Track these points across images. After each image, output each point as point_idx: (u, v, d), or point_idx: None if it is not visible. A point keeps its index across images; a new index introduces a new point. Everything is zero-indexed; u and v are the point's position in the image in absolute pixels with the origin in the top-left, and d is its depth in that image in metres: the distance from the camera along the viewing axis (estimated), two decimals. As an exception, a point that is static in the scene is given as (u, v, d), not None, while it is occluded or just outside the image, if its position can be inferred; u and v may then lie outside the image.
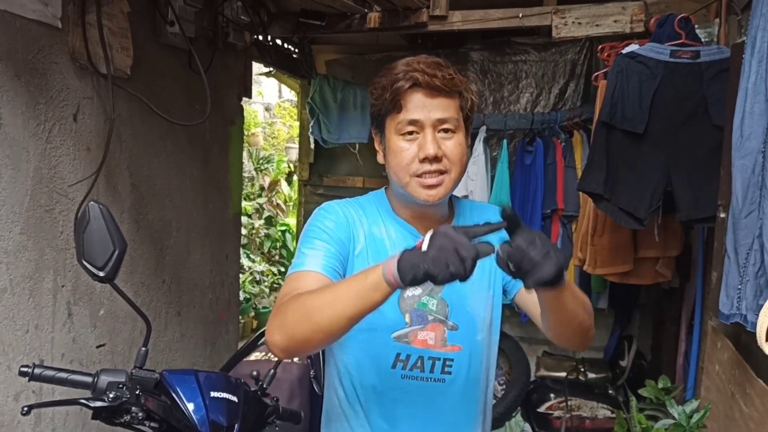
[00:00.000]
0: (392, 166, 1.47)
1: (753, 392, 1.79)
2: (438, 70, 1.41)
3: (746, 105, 1.80)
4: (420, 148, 1.42)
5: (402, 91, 1.42)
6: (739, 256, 1.77)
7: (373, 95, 1.49)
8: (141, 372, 1.72)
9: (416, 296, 1.50)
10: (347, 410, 1.55)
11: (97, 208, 1.64)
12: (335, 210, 1.53)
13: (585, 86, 4.43)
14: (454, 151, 1.44)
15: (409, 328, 1.49)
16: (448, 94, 1.43)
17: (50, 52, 2.30)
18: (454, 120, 1.44)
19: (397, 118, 1.44)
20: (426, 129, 1.42)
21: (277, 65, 4.72)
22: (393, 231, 1.54)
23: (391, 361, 1.49)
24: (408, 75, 1.41)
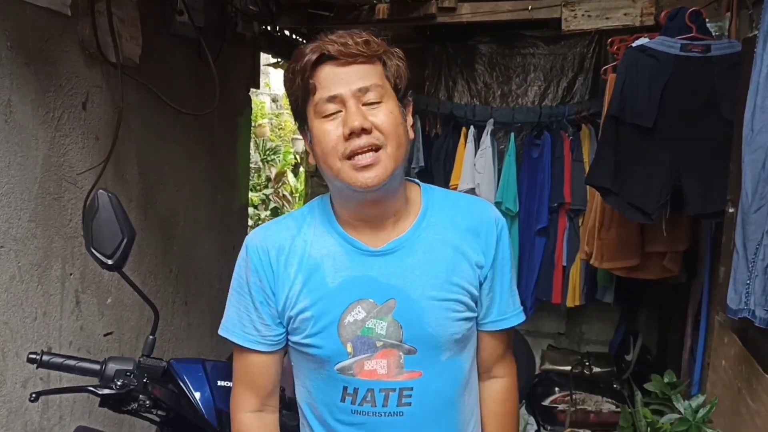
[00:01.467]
0: (319, 155, 1.27)
1: (760, 388, 1.78)
2: (349, 37, 1.23)
3: (757, 99, 1.79)
4: (344, 124, 1.22)
5: (310, 67, 1.23)
6: (748, 252, 1.76)
7: (286, 85, 1.30)
8: (148, 360, 1.73)
9: (359, 321, 1.30)
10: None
11: (106, 196, 1.65)
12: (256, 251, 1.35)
13: (594, 80, 4.42)
14: (386, 120, 1.23)
15: (352, 359, 1.30)
16: (366, 59, 1.24)
17: (60, 40, 2.30)
18: (378, 88, 1.24)
19: (313, 100, 1.25)
20: (348, 102, 1.22)
21: (285, 56, 4.71)
22: (334, 247, 1.33)
23: (339, 394, 1.33)
24: (315, 48, 1.23)
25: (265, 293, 1.34)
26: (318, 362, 1.33)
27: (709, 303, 2.84)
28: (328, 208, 1.38)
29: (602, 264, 3.20)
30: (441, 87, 4.71)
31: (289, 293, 1.33)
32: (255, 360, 1.38)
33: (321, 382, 1.36)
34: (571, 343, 4.60)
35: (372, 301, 1.30)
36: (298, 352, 1.37)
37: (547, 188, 4.09)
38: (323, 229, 1.35)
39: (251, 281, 1.35)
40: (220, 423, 1.76)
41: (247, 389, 1.41)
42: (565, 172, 4.05)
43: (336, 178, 1.26)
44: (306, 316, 1.31)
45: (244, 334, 1.37)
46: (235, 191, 3.95)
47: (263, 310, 1.35)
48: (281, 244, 1.34)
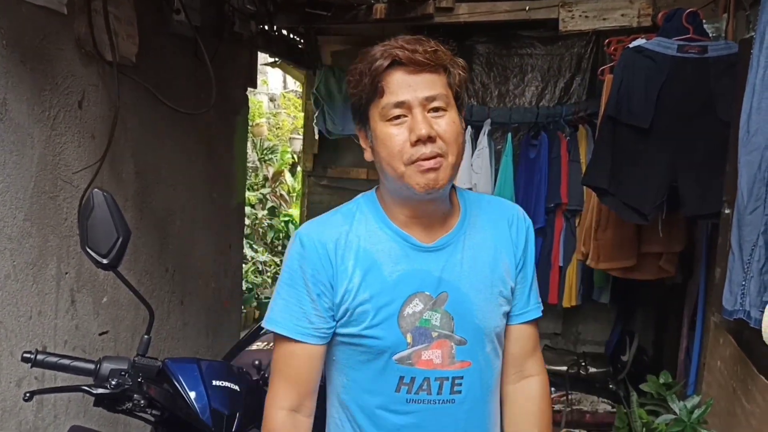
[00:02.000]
0: (383, 157, 1.32)
1: (755, 388, 1.79)
2: (419, 45, 1.28)
3: (753, 101, 1.79)
4: (411, 131, 1.27)
5: (381, 72, 1.28)
6: (744, 253, 1.77)
7: (351, 83, 1.35)
8: (143, 360, 1.73)
9: (417, 313, 1.36)
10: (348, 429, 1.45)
11: (101, 195, 1.64)
12: (312, 243, 1.39)
13: (591, 80, 4.41)
14: (449, 130, 1.29)
15: (411, 349, 1.36)
16: (433, 69, 1.30)
17: (56, 38, 2.30)
18: (443, 97, 1.30)
19: (380, 103, 1.30)
20: (414, 109, 1.28)
21: (283, 55, 4.71)
22: (386, 241, 1.39)
23: (395, 384, 1.37)
24: (386, 53, 1.28)
25: (323, 285, 1.37)
26: (373, 353, 1.37)
27: (705, 304, 2.85)
28: (377, 205, 1.43)
29: (598, 264, 3.20)
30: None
31: (348, 286, 1.36)
32: (303, 353, 1.39)
33: (373, 373, 1.38)
34: (567, 344, 4.60)
35: (428, 294, 1.37)
36: (349, 345, 1.40)
37: (544, 189, 4.09)
38: (375, 226, 1.40)
39: (308, 273, 1.37)
40: (215, 423, 1.75)
41: (288, 384, 1.41)
42: (562, 172, 4.05)
43: (398, 180, 1.32)
44: (366, 308, 1.36)
45: (295, 327, 1.38)
46: (232, 190, 3.95)
47: (320, 301, 1.37)
48: (338, 238, 1.38)
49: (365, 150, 1.40)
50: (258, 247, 7.69)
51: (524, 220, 1.50)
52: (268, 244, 7.92)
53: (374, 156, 1.37)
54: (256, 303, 6.97)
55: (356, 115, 1.39)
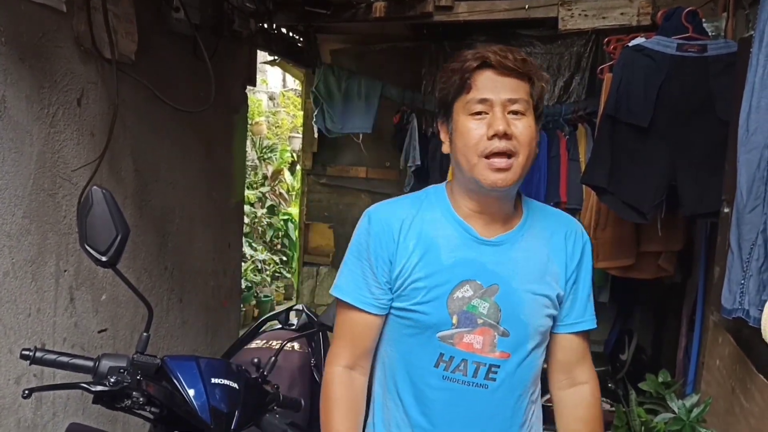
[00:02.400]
0: (459, 147, 1.44)
1: (754, 387, 1.79)
2: (509, 53, 1.40)
3: (753, 99, 1.79)
4: (489, 126, 1.39)
5: (471, 70, 1.41)
6: (743, 251, 1.77)
7: (442, 80, 1.48)
8: (142, 357, 1.72)
9: (466, 298, 1.46)
10: (389, 402, 1.56)
11: (100, 192, 1.64)
12: (379, 221, 1.51)
13: (590, 79, 4.42)
14: (524, 132, 1.40)
15: (455, 330, 1.46)
16: (519, 75, 1.41)
17: (55, 36, 2.30)
18: (524, 102, 1.41)
19: (465, 98, 1.42)
20: (495, 108, 1.39)
21: (282, 54, 4.71)
22: (449, 231, 1.50)
23: (434, 360, 1.48)
24: (478, 55, 1.41)
25: (383, 261, 1.49)
26: (420, 328, 1.48)
27: (703, 303, 2.85)
28: (444, 196, 1.54)
29: (597, 263, 3.20)
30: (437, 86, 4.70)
31: (406, 263, 1.48)
32: (362, 320, 1.53)
33: (418, 347, 1.50)
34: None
35: (479, 283, 1.47)
36: (401, 319, 1.51)
37: (543, 187, 4.09)
38: (440, 214, 1.51)
39: (372, 248, 1.50)
40: (214, 420, 1.75)
41: (346, 345, 1.56)
42: (561, 171, 4.05)
43: (469, 172, 1.43)
44: (419, 285, 1.47)
45: (358, 296, 1.51)
46: (231, 189, 3.94)
47: (380, 274, 1.49)
48: (403, 219, 1.50)
49: (443, 143, 1.52)
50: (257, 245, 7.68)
51: (582, 235, 1.59)
52: (268, 242, 7.91)
53: (451, 148, 1.48)
54: (256, 301, 6.97)
55: (441, 109, 1.51)
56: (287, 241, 7.97)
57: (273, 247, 7.97)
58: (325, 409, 1.54)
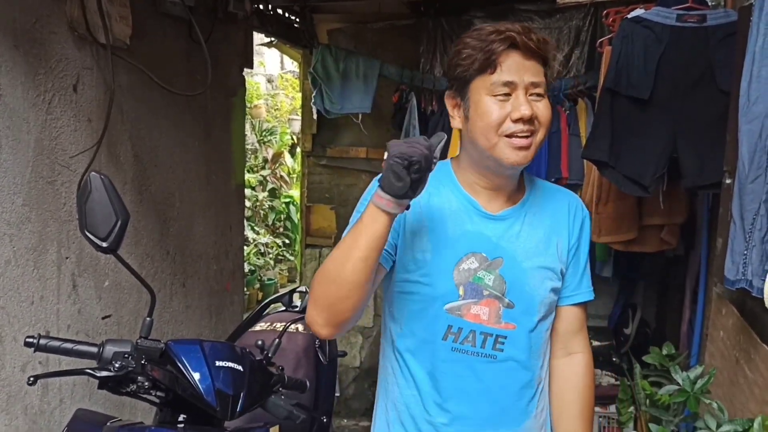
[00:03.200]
0: (479, 127, 1.45)
1: (758, 358, 1.79)
2: (532, 33, 1.43)
3: (753, 69, 1.77)
4: (514, 109, 1.42)
5: (498, 52, 1.41)
6: (745, 222, 1.76)
7: (461, 55, 1.46)
8: (146, 342, 1.73)
9: (472, 270, 1.50)
10: (399, 378, 1.59)
11: (99, 178, 1.64)
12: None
13: (590, 53, 4.37)
14: (545, 113, 1.45)
15: (462, 301, 1.50)
16: (540, 58, 1.45)
17: (48, 21, 2.28)
18: (543, 85, 1.45)
19: (489, 78, 1.43)
20: (518, 90, 1.42)
21: (279, 35, 4.67)
22: (454, 201, 1.54)
23: (443, 332, 1.51)
24: (504, 35, 1.41)
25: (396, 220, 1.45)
26: (426, 301, 1.51)
27: (707, 275, 2.85)
28: (450, 171, 1.57)
29: (600, 238, 3.20)
30: (436, 63, 4.67)
31: (411, 234, 1.51)
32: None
33: (425, 322, 1.52)
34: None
35: (484, 255, 1.51)
36: (406, 293, 1.53)
37: (544, 163, 4.07)
38: (447, 189, 1.54)
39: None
40: (219, 403, 1.75)
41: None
42: (562, 146, 4.02)
43: (488, 150, 1.45)
44: (425, 256, 1.50)
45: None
46: (231, 172, 3.93)
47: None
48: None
49: (453, 118, 1.53)
50: (259, 229, 7.69)
51: (582, 210, 1.64)
52: (270, 225, 7.92)
53: (466, 124, 1.49)
54: (259, 285, 7.00)
55: (456, 84, 1.50)
56: (289, 223, 7.99)
57: (275, 230, 7.99)
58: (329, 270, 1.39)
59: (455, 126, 1.53)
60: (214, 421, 1.80)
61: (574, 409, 1.65)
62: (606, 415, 3.71)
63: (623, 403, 2.90)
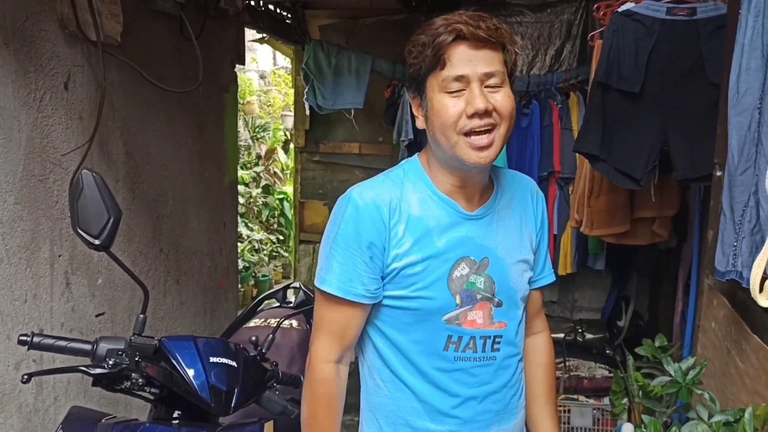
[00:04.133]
0: (436, 126, 1.39)
1: (749, 348, 1.80)
2: (482, 21, 1.34)
3: (742, 61, 1.78)
4: (468, 103, 1.34)
5: (445, 45, 1.34)
6: (735, 213, 1.77)
7: (412, 54, 1.40)
8: (139, 339, 1.73)
9: (464, 276, 1.46)
10: (393, 392, 1.52)
11: (90, 176, 1.63)
12: (367, 207, 1.43)
13: (581, 47, 4.39)
14: (504, 103, 1.37)
15: (459, 310, 1.46)
16: (493, 45, 1.35)
17: (38, 19, 2.27)
18: (500, 73, 1.36)
19: (440, 74, 1.36)
20: (472, 83, 1.34)
21: (270, 31, 4.67)
22: (436, 210, 1.46)
23: (443, 343, 1.47)
24: (450, 27, 1.34)
25: (377, 248, 1.43)
26: (423, 314, 1.46)
27: (698, 266, 2.86)
28: (422, 172, 1.50)
29: (592, 231, 3.21)
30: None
31: (399, 249, 1.43)
32: (352, 313, 1.48)
33: (422, 334, 1.47)
34: (563, 311, 4.63)
35: (473, 259, 1.48)
36: (397, 308, 1.48)
37: (537, 157, 4.08)
38: (424, 193, 1.47)
39: (364, 235, 1.42)
40: (213, 399, 1.76)
41: (334, 340, 1.49)
42: (554, 140, 4.04)
43: (450, 150, 1.39)
44: (416, 270, 1.44)
45: (349, 289, 1.44)
46: (224, 168, 3.93)
47: (373, 264, 1.44)
48: (390, 202, 1.44)
49: (417, 118, 1.47)
50: (253, 225, 7.67)
51: (539, 193, 1.62)
52: (264, 222, 7.90)
53: (427, 124, 1.43)
54: (254, 281, 6.98)
55: (413, 84, 1.44)
56: (283, 219, 7.97)
57: (269, 226, 7.97)
58: (312, 408, 1.51)
59: (419, 126, 1.47)
60: (209, 417, 1.80)
61: (542, 387, 1.69)
62: (600, 407, 3.72)
63: (617, 395, 2.92)
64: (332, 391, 1.50)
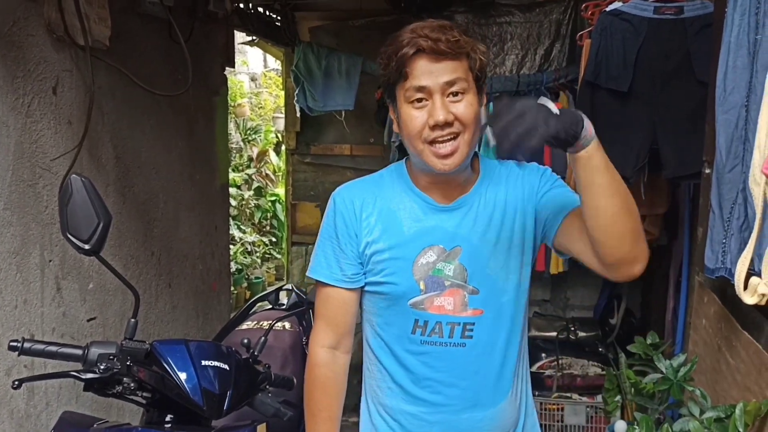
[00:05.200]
0: (405, 135, 1.48)
1: (739, 344, 1.81)
2: (442, 34, 1.40)
3: (729, 59, 1.79)
4: (429, 115, 1.41)
5: (406, 59, 1.41)
6: (724, 211, 1.78)
7: (381, 65, 1.49)
8: (131, 343, 1.73)
9: (430, 263, 1.52)
10: (375, 373, 1.64)
11: (80, 180, 1.63)
12: (343, 200, 1.58)
13: (570, 46, 4.40)
14: (465, 112, 1.42)
15: (424, 295, 1.53)
16: (454, 56, 1.41)
17: (26, 24, 2.26)
18: (462, 81, 1.42)
19: (404, 86, 1.44)
20: (434, 95, 1.41)
21: (260, 33, 4.66)
22: (409, 203, 1.56)
23: (410, 327, 1.55)
24: (412, 41, 1.41)
25: (349, 236, 1.56)
26: (392, 299, 1.55)
27: (689, 264, 2.87)
28: (404, 173, 1.60)
29: (583, 230, 3.21)
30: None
31: (369, 237, 1.55)
32: (337, 297, 1.60)
33: (394, 317, 1.57)
34: (556, 310, 4.64)
35: (441, 247, 1.53)
36: (374, 294, 1.59)
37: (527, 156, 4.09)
38: (400, 188, 1.58)
39: (338, 226, 1.58)
40: (206, 402, 1.76)
41: (327, 325, 1.63)
42: (544, 140, 4.04)
43: (418, 157, 1.48)
44: (384, 257, 1.54)
45: (330, 274, 1.59)
46: (215, 171, 3.92)
47: (348, 249, 1.57)
48: (365, 198, 1.58)
49: (393, 121, 1.55)
50: (246, 227, 7.67)
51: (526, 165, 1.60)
52: (256, 224, 7.90)
53: (400, 132, 1.52)
54: (247, 284, 6.98)
55: (386, 91, 1.53)
56: (276, 222, 7.96)
57: (262, 228, 7.97)
58: (310, 390, 1.65)
59: (395, 130, 1.56)
60: (202, 420, 1.80)
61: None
62: (593, 405, 3.73)
63: (609, 392, 2.94)
64: (327, 374, 1.62)
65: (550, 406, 3.79)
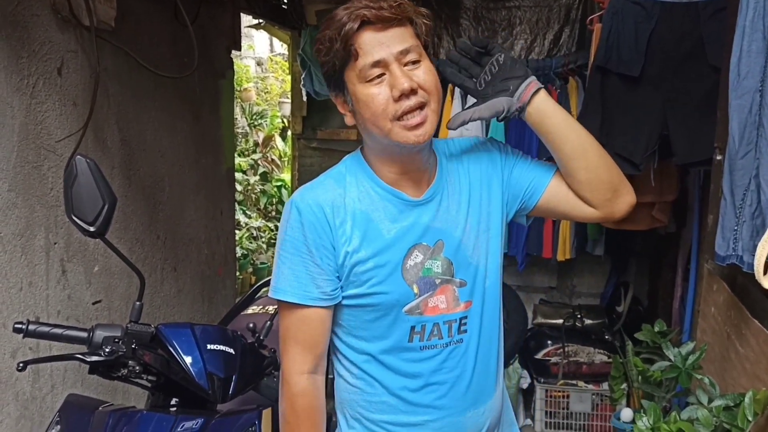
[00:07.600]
0: (367, 118, 1.35)
1: (748, 333, 1.79)
2: (383, 2, 1.31)
3: (743, 43, 1.76)
4: (392, 87, 1.31)
5: (352, 34, 1.31)
6: (736, 198, 1.75)
7: (322, 52, 1.36)
8: (136, 326, 1.72)
9: (419, 264, 1.43)
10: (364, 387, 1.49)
11: (84, 162, 1.62)
12: (308, 209, 1.39)
13: (580, 31, 4.35)
14: (428, 79, 1.34)
15: (419, 299, 1.43)
16: (400, 22, 1.32)
17: (31, 4, 2.24)
18: (416, 48, 1.34)
19: (356, 65, 1.32)
20: (391, 65, 1.31)
21: (266, 16, 4.63)
22: (380, 201, 1.43)
23: (407, 335, 1.44)
24: (353, 15, 1.30)
25: (325, 248, 1.40)
26: (382, 309, 1.42)
27: (698, 251, 2.85)
28: (364, 165, 1.46)
29: (591, 217, 3.19)
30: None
31: (348, 247, 1.40)
32: (313, 317, 1.43)
33: (385, 330, 1.44)
34: (562, 297, 4.62)
35: (425, 245, 1.44)
36: (356, 307, 1.44)
37: (536, 143, 4.05)
38: (367, 186, 1.43)
39: (309, 238, 1.39)
40: (211, 386, 1.75)
41: (304, 350, 1.44)
42: (553, 125, 4.01)
43: (385, 138, 1.35)
44: (368, 266, 1.41)
45: (304, 294, 1.41)
46: (220, 155, 3.91)
47: (324, 265, 1.40)
48: (333, 202, 1.41)
49: (345, 115, 1.43)
50: (251, 213, 7.66)
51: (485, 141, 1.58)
52: (262, 209, 7.89)
53: (356, 119, 1.40)
54: (252, 269, 6.98)
55: (330, 81, 1.41)
56: (281, 207, 7.96)
57: (267, 214, 7.96)
58: (294, 424, 1.46)
59: (348, 123, 1.43)
60: (207, 404, 1.80)
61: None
62: (599, 393, 3.73)
63: (616, 380, 2.92)
64: (312, 404, 1.46)
65: (555, 393, 3.79)
